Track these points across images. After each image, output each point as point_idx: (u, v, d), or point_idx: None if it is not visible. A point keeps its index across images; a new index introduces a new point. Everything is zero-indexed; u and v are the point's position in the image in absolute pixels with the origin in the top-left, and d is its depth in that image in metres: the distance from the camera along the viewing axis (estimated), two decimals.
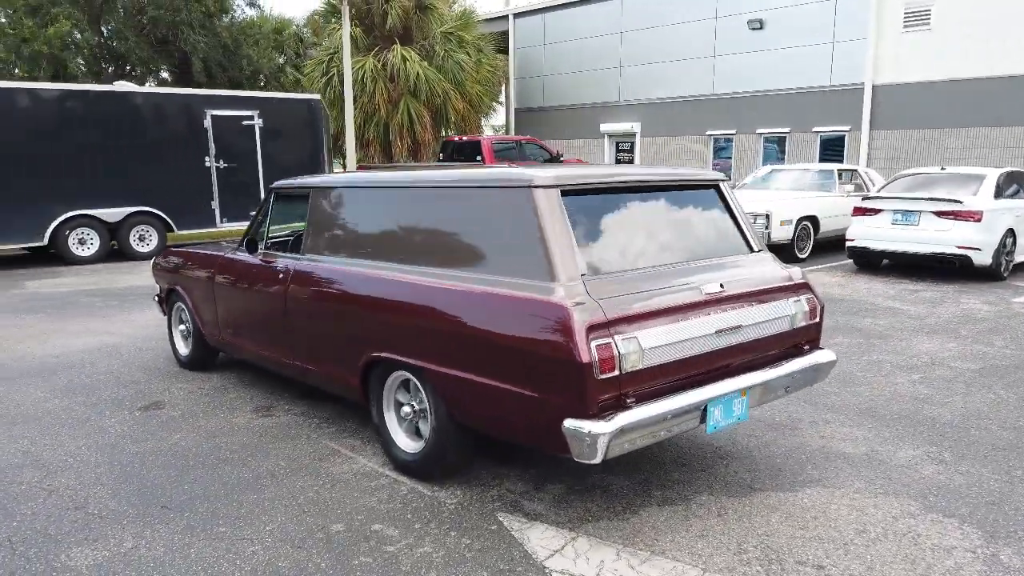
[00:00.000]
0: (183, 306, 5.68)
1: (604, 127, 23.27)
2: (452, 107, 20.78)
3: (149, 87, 14.35)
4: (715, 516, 3.34)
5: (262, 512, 3.37)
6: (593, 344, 2.84)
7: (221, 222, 13.10)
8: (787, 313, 3.67)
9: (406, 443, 3.79)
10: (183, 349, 5.80)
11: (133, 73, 26.84)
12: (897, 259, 10.11)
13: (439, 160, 19.23)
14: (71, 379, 5.47)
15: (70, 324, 7.46)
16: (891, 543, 3.09)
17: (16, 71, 22.07)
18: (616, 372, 2.90)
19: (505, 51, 25.03)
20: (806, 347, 3.82)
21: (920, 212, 9.72)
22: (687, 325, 3.18)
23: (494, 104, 25.90)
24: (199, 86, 24.04)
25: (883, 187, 10.84)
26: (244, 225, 13.48)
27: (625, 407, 2.93)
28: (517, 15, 25.37)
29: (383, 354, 3.72)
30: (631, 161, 22.87)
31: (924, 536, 3.15)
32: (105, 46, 25.68)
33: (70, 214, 11.59)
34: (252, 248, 4.85)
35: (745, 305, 3.48)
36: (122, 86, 13.32)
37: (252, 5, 34.91)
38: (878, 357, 5.97)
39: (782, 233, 11.22)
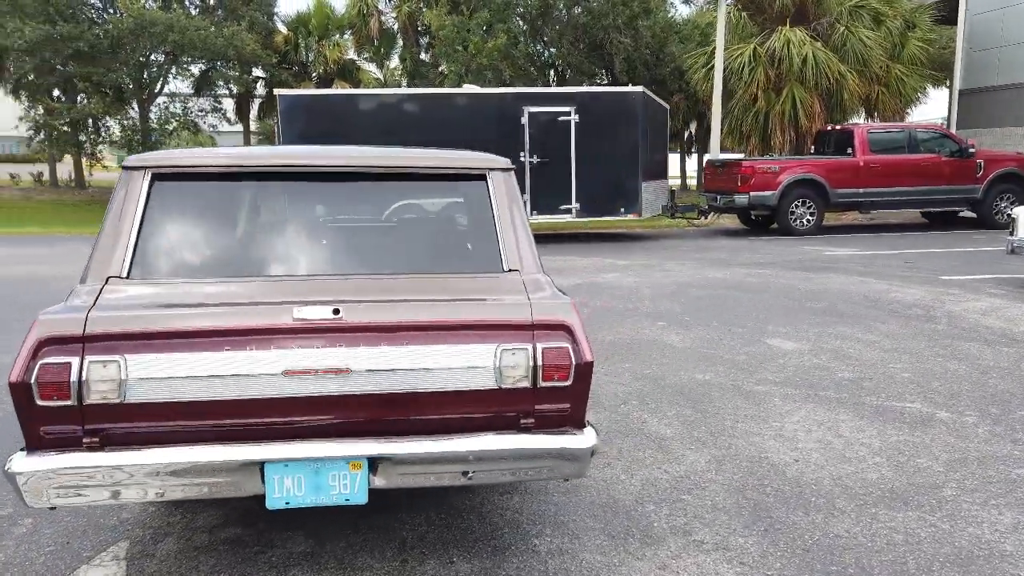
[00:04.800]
0: None
1: None
2: (848, 92, 17.98)
3: (473, 88, 15.52)
4: None
5: None
6: (40, 362, 2.34)
7: (531, 215, 13.62)
8: (480, 364, 2.48)
9: None
10: None
11: (566, 77, 29.26)
12: None
13: (810, 154, 16.92)
14: None
15: None
16: None
17: (463, 81, 25.96)
18: (71, 402, 2.34)
19: (948, 22, 20.63)
20: (529, 420, 2.52)
21: None
22: (226, 357, 2.38)
23: (927, 87, 21.58)
24: (617, 84, 25.13)
25: None
26: (554, 219, 13.91)
27: (80, 447, 2.35)
28: None
29: None
30: None
31: None
32: (540, 54, 28.53)
33: (399, 203, 13.35)
34: None
35: (383, 343, 2.45)
36: (468, 88, 14.76)
37: (686, 2, 34.82)
38: None
39: None
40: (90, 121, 25.66)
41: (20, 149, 35.23)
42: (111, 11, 24.91)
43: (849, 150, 14.82)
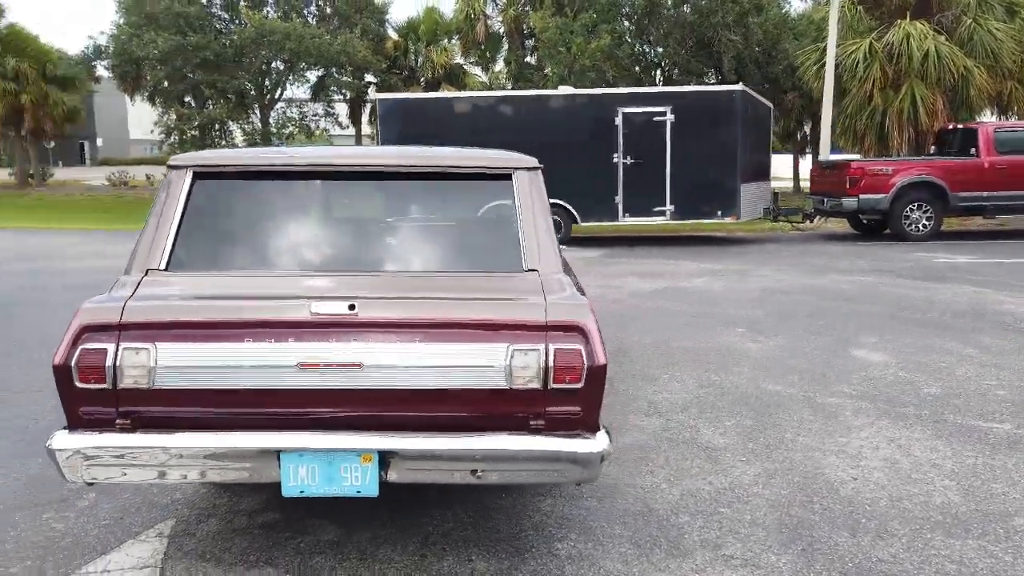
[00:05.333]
0: None
1: None
2: (975, 88, 16.73)
3: (572, 89, 15.33)
4: None
5: None
6: (80, 347, 2.51)
7: (623, 217, 13.44)
8: (491, 364, 2.47)
9: None
10: None
11: (672, 77, 28.71)
12: None
13: (929, 154, 15.88)
14: None
15: None
16: None
17: (564, 83, 25.89)
18: (106, 385, 2.49)
19: None
20: (539, 422, 2.49)
21: None
22: (247, 348, 2.48)
23: None
24: (726, 83, 24.45)
25: None
26: (646, 221, 13.68)
27: (113, 428, 2.51)
28: None
29: None
30: None
31: None
32: (644, 54, 28.12)
33: (493, 204, 13.42)
34: None
35: (395, 339, 2.49)
36: (564, 90, 14.73)
37: None
38: None
39: None
40: (216, 125, 27.30)
41: (157, 152, 37.86)
42: (236, 22, 26.45)
43: (973, 150, 13.80)
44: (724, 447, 3.93)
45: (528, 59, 30.54)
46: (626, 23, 27.82)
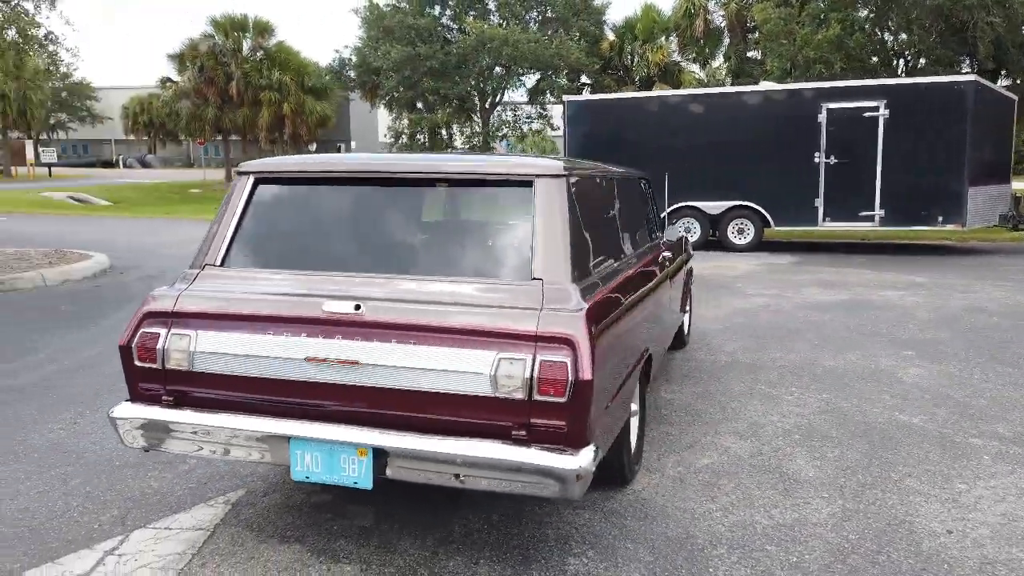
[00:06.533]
0: None
1: None
2: None
3: (769, 84, 14.17)
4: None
5: None
6: (141, 330, 2.88)
7: (823, 221, 12.42)
8: (478, 370, 2.49)
9: None
10: None
11: (918, 67, 26.01)
12: None
13: None
14: None
15: None
16: None
17: (789, 77, 24.30)
18: (157, 365, 2.85)
19: None
20: (521, 432, 2.46)
21: None
22: (265, 340, 2.71)
23: None
24: (983, 72, 21.71)
25: None
26: (850, 227, 12.59)
27: (160, 403, 2.85)
28: None
29: None
30: None
31: None
32: (882, 43, 25.65)
33: (676, 205, 13.01)
34: None
35: (393, 340, 2.60)
36: (762, 85, 13.89)
37: None
38: None
39: None
40: (443, 130, 29.16)
41: None
42: (463, 31, 28.03)
43: None
44: (809, 480, 3.56)
45: (750, 54, 29.15)
46: (862, 11, 25.63)
